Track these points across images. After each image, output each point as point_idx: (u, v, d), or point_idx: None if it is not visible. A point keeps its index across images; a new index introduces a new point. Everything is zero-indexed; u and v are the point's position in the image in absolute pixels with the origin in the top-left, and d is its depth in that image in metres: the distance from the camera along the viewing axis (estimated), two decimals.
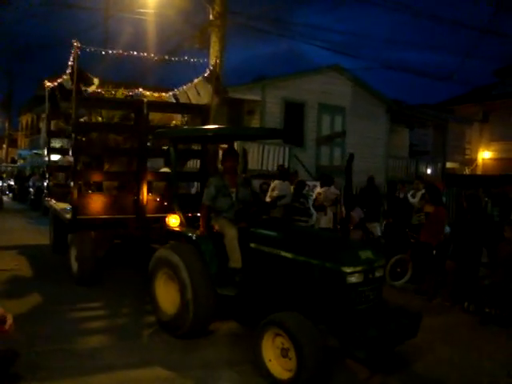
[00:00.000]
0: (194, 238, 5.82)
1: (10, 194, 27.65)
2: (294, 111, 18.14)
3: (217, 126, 6.90)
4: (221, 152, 8.48)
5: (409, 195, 11.18)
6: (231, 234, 5.56)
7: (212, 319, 5.73)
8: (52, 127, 11.05)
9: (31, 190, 22.41)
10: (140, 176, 8.21)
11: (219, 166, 8.75)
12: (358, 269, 4.67)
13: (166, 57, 10.45)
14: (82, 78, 8.29)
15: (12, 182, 28.29)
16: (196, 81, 9.57)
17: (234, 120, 17.06)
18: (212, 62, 9.15)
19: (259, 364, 4.69)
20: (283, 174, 10.84)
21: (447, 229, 9.04)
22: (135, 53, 9.10)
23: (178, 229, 6.12)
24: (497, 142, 27.62)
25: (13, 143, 48.76)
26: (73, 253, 8.12)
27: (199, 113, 9.19)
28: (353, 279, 4.61)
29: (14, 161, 39.35)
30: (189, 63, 9.50)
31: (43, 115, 13.74)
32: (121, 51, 9.08)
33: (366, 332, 4.50)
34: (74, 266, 8.04)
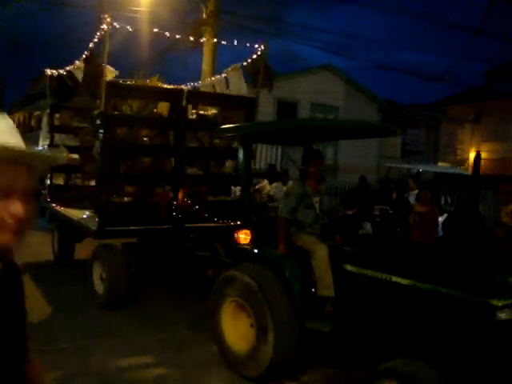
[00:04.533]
0: (274, 258, 4.73)
1: None
2: (286, 111, 18.17)
3: (316, 119, 5.55)
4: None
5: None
6: (321, 253, 4.52)
7: (295, 360, 4.58)
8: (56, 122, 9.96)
9: None
10: (178, 179, 7.04)
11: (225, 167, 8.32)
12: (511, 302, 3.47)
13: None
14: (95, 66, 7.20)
15: None
16: (229, 70, 8.37)
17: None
18: (263, 46, 7.59)
19: None
20: (272, 173, 10.85)
21: (440, 231, 9.05)
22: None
23: (250, 246, 5.07)
24: (489, 143, 27.75)
25: None
26: (96, 270, 6.79)
27: (244, 106, 7.77)
28: (503, 316, 3.43)
29: None
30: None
31: (44, 111, 12.88)
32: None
33: None
34: (99, 286, 6.71)
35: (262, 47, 7.63)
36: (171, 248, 7.61)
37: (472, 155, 28.58)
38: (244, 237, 5.16)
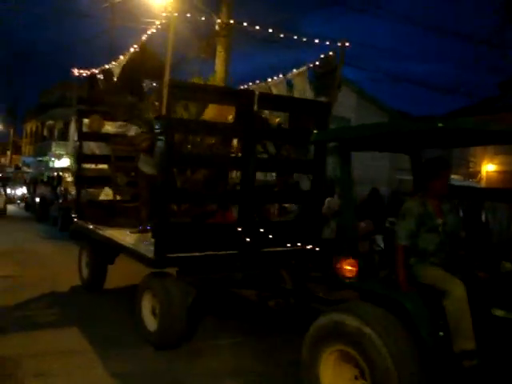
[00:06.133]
0: (393, 297, 3.78)
1: (22, 204, 25.43)
2: None
3: (462, 120, 4.17)
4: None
5: None
6: (458, 293, 3.55)
7: None
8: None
9: (37, 199, 20.72)
10: (245, 196, 6.02)
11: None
12: None
13: None
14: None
15: (24, 190, 25.83)
16: (295, 73, 7.33)
17: None
18: (341, 43, 6.58)
19: None
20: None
21: None
22: None
23: (357, 281, 4.11)
24: (501, 155, 27.56)
25: (17, 150, 49.01)
26: (146, 303, 5.80)
27: (317, 112, 6.70)
28: None
29: (18, 167, 39.42)
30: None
31: (58, 120, 12.03)
32: None
33: None
34: (151, 322, 5.69)
35: (340, 44, 6.56)
36: (234, 276, 6.72)
37: (484, 168, 28.45)
38: (349, 268, 4.17)
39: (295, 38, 6.82)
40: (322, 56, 6.82)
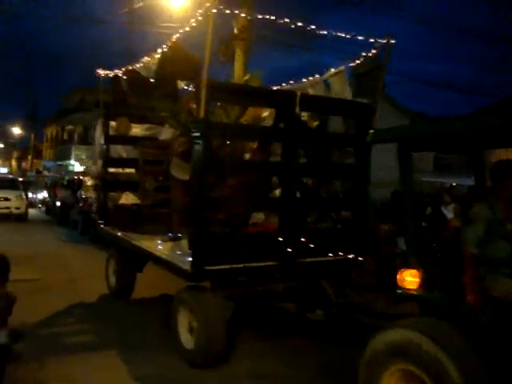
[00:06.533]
0: (463, 311, 3.46)
1: (43, 208, 25.43)
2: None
3: None
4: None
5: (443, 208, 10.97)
6: None
7: None
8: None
9: (58, 203, 20.80)
10: (287, 203, 5.70)
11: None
12: None
13: None
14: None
15: (45, 194, 25.65)
16: (332, 73, 6.84)
17: None
18: (387, 40, 6.06)
19: None
20: None
21: None
22: None
23: (422, 293, 3.79)
24: None
25: (37, 154, 49.69)
26: (182, 319, 5.34)
27: (359, 114, 6.30)
28: None
29: (38, 171, 39.92)
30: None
31: (78, 125, 11.48)
32: None
33: None
34: (187, 339, 5.26)
35: (385, 41, 6.04)
36: (275, 288, 6.32)
37: None
38: (411, 279, 3.84)
39: (333, 34, 6.25)
40: (364, 54, 6.36)
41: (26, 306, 6.60)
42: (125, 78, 7.76)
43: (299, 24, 6.13)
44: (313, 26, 6.19)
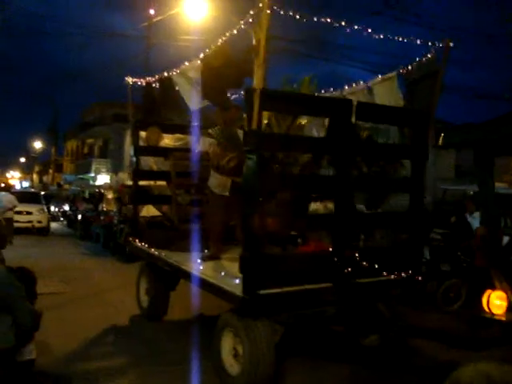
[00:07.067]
0: None
1: (65, 221, 25.62)
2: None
3: None
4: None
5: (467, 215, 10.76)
6: None
7: None
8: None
9: (79, 216, 20.81)
10: (343, 221, 5.23)
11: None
12: None
13: None
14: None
15: (67, 208, 25.74)
16: (379, 80, 6.59)
17: None
18: (445, 43, 5.64)
19: None
20: None
21: None
22: None
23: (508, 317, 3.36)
24: None
25: (58, 168, 50.31)
26: (227, 344, 4.91)
27: (414, 123, 5.94)
28: None
29: (59, 185, 40.35)
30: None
31: (99, 138, 11.01)
32: None
33: None
34: (233, 365, 4.84)
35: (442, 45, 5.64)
36: (326, 311, 5.87)
37: None
38: (498, 303, 3.40)
39: (381, 37, 5.82)
40: (418, 59, 5.98)
41: (49, 319, 6.60)
42: (157, 86, 7.48)
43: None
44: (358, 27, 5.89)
